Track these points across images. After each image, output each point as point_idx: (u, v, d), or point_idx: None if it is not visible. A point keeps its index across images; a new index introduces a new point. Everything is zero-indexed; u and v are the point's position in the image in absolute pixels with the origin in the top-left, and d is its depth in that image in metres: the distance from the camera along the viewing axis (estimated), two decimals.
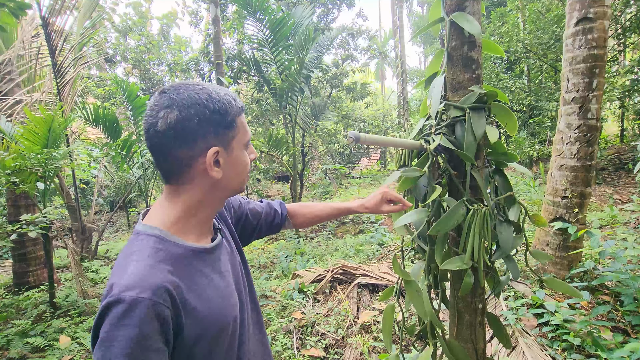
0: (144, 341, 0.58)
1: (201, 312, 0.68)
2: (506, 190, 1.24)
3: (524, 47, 7.90)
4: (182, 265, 0.69)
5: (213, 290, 0.72)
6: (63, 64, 4.46)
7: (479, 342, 1.25)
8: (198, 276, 0.71)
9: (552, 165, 2.68)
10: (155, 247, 0.68)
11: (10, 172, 2.66)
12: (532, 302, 2.42)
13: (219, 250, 0.80)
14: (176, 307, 0.63)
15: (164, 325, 0.61)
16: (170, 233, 0.71)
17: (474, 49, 1.15)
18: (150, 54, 10.02)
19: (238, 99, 0.77)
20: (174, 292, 0.63)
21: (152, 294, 0.60)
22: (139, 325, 0.57)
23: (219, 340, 0.71)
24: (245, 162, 0.78)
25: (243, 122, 0.77)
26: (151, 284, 0.61)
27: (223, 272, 0.78)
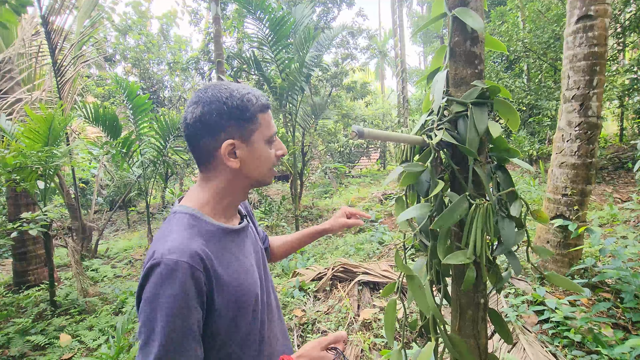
0: (186, 299, 0.66)
1: (227, 283, 0.76)
2: (508, 186, 1.24)
3: (524, 46, 7.91)
4: (213, 241, 0.79)
5: (238, 265, 0.81)
6: (63, 63, 4.46)
7: (481, 337, 1.25)
8: (226, 251, 0.81)
9: (552, 162, 2.69)
10: (190, 223, 0.78)
11: (11, 170, 2.65)
12: (532, 299, 2.43)
13: (244, 233, 0.90)
14: (208, 274, 0.72)
15: (199, 288, 0.69)
16: (202, 213, 0.82)
17: (476, 44, 1.15)
18: (150, 53, 10.02)
19: (262, 98, 0.85)
20: (206, 260, 0.72)
21: (189, 259, 0.69)
22: (180, 285, 0.66)
23: (241, 315, 0.79)
24: (266, 155, 0.85)
25: (266, 118, 0.85)
26: (189, 251, 0.70)
27: (247, 253, 0.87)
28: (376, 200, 7.69)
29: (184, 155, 6.01)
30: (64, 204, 5.47)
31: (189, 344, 0.67)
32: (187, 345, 0.67)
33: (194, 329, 0.68)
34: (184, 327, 0.66)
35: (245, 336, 0.80)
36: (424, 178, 1.23)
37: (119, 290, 4.13)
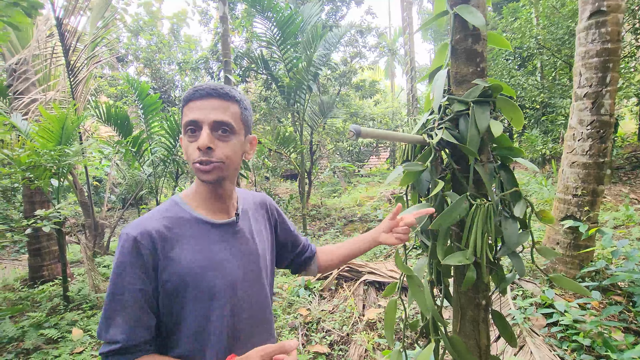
0: (128, 266, 0.77)
1: (181, 267, 0.80)
2: (512, 186, 1.22)
3: (537, 43, 7.74)
4: (180, 227, 0.84)
5: (201, 256, 0.84)
6: (76, 64, 4.56)
7: (482, 338, 1.24)
8: (192, 239, 0.84)
9: (563, 162, 2.62)
10: (167, 208, 0.87)
11: (25, 168, 2.73)
12: (541, 301, 2.38)
13: (226, 228, 0.90)
14: (154, 251, 0.79)
15: (142, 261, 0.78)
16: (185, 202, 0.89)
17: (478, 41, 1.13)
18: (161, 53, 10.16)
19: (192, 90, 0.84)
20: (157, 240, 0.80)
21: (138, 234, 0.79)
22: (123, 254, 0.78)
23: (190, 300, 0.81)
24: (184, 147, 0.86)
25: (185, 110, 0.85)
26: (141, 228, 0.80)
27: (222, 248, 0.88)
28: (384, 199, 7.65)
29: None
30: (78, 201, 5.60)
31: (131, 304, 0.77)
32: (127, 305, 0.76)
33: (136, 295, 0.77)
34: (124, 288, 0.77)
35: (195, 324, 0.82)
36: (424, 178, 1.22)
37: None
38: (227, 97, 0.85)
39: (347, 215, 7.53)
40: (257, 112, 7.64)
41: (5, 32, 2.18)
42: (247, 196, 1.06)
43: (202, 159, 0.81)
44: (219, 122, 0.82)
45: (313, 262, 1.20)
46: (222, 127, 0.83)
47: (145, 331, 0.78)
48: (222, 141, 0.83)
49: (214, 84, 0.85)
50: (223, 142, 0.83)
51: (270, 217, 1.09)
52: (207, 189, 0.89)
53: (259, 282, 0.95)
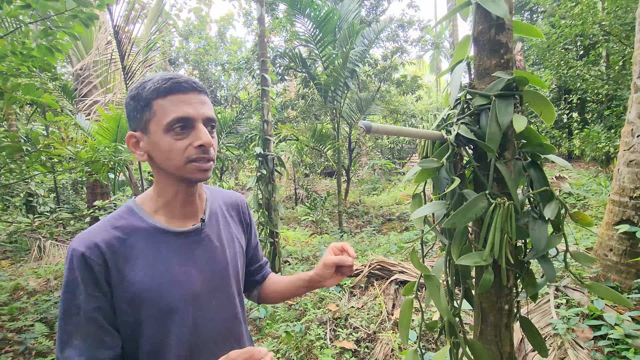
0: (78, 284, 0.69)
1: (135, 283, 0.73)
2: (541, 185, 1.14)
3: (602, 30, 7.00)
4: (136, 237, 0.76)
5: (159, 271, 0.75)
6: (131, 67, 4.97)
7: (504, 345, 1.18)
8: (151, 250, 0.76)
9: (619, 160, 2.37)
10: (120, 215, 0.78)
11: (85, 163, 3.05)
12: (588, 312, 2.19)
13: (189, 238, 0.81)
14: (106, 266, 0.71)
15: (94, 277, 0.70)
16: (141, 208, 0.80)
17: (502, 32, 1.07)
18: (208, 55, 10.71)
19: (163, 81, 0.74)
20: (107, 254, 0.72)
21: (86, 249, 0.70)
22: (71, 271, 0.70)
23: (147, 318, 0.74)
24: (166, 146, 0.74)
25: (165, 104, 0.73)
26: (89, 241, 0.72)
27: (185, 259, 0.79)
28: None
29: (235, 151, 6.36)
30: (133, 194, 6.11)
31: (88, 324, 0.69)
32: (83, 324, 0.69)
33: (92, 314, 0.70)
34: (77, 306, 0.69)
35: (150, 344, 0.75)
36: (443, 175, 1.18)
37: None
38: (205, 90, 0.80)
39: (385, 213, 7.42)
40: (295, 109, 7.77)
41: (69, 42, 2.43)
42: (217, 195, 0.96)
43: (203, 156, 0.74)
44: (209, 119, 0.77)
45: (256, 289, 1.08)
46: (211, 124, 0.79)
47: (107, 351, 0.71)
48: (212, 137, 0.78)
49: (186, 76, 0.77)
50: (213, 139, 0.78)
51: (242, 219, 1.00)
52: (179, 191, 0.79)
53: (225, 293, 0.86)
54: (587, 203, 5.36)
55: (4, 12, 2.01)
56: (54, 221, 3.38)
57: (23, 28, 2.32)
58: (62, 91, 5.40)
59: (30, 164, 2.52)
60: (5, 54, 2.22)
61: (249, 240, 1.02)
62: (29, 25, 2.32)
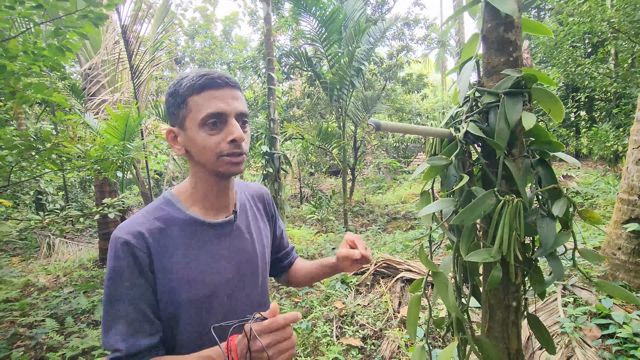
0: (122, 271, 0.73)
1: (174, 271, 0.76)
2: (550, 182, 1.15)
3: (611, 27, 6.91)
4: (175, 228, 0.79)
5: (196, 259, 0.79)
6: (139, 67, 5.02)
7: (512, 342, 1.18)
8: (188, 240, 0.80)
9: (628, 159, 2.35)
10: (159, 207, 0.82)
11: (94, 161, 3.09)
12: (596, 311, 2.18)
13: (224, 228, 0.85)
14: (148, 254, 0.75)
15: (139, 264, 0.73)
16: (179, 199, 0.84)
17: (511, 30, 1.07)
18: (213, 54, 10.76)
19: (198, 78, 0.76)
20: (149, 242, 0.75)
21: (129, 238, 0.74)
22: (117, 259, 0.73)
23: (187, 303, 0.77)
24: (200, 141, 0.76)
25: (199, 100, 0.76)
26: (133, 230, 0.75)
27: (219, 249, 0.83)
28: None
29: None
30: (140, 192, 6.17)
31: (132, 310, 0.72)
32: (128, 310, 0.72)
33: (136, 301, 0.73)
34: (122, 294, 0.72)
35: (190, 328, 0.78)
36: (451, 173, 1.19)
37: None
38: (238, 85, 0.82)
39: (391, 212, 7.41)
40: (301, 108, 7.77)
41: (79, 42, 2.47)
42: (244, 188, 0.99)
43: (235, 151, 0.77)
44: (242, 114, 0.80)
45: (284, 274, 1.13)
46: (243, 119, 0.81)
47: (148, 338, 0.74)
48: (244, 132, 0.81)
49: (221, 72, 0.80)
50: (245, 134, 0.80)
51: (267, 210, 1.04)
52: (213, 184, 0.83)
53: (255, 282, 0.91)
54: (595, 202, 5.31)
55: (16, 13, 2.05)
56: (63, 219, 3.43)
57: (33, 28, 2.36)
58: (70, 90, 5.47)
59: (41, 162, 2.56)
60: (17, 54, 2.25)
61: (274, 230, 1.07)
62: (39, 26, 2.36)
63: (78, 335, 3.08)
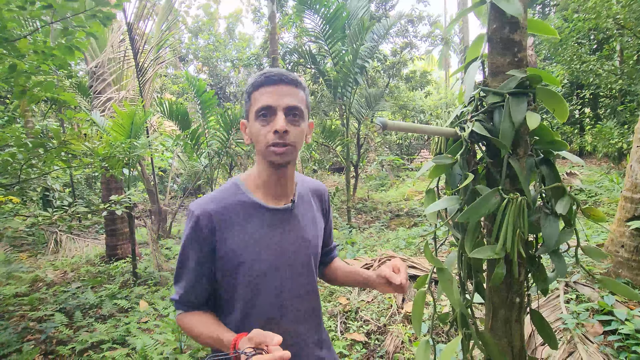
0: (191, 239, 0.88)
1: (234, 248, 0.88)
2: (553, 181, 1.17)
3: (617, 23, 6.86)
4: (237, 209, 0.91)
5: (254, 239, 0.90)
6: (144, 64, 5.05)
7: (515, 338, 1.21)
8: (249, 222, 0.91)
9: (632, 156, 2.36)
10: (227, 189, 0.94)
11: (102, 158, 3.13)
12: (599, 307, 2.20)
13: (281, 214, 0.94)
14: (212, 230, 0.88)
15: (203, 236, 0.87)
16: (244, 184, 0.95)
17: (516, 30, 1.09)
18: (217, 52, 10.78)
19: (261, 76, 0.88)
20: (214, 220, 0.88)
21: (200, 213, 0.87)
22: (189, 229, 0.88)
23: (242, 278, 0.89)
24: (256, 131, 0.88)
25: (257, 95, 0.87)
26: (203, 207, 0.88)
27: (274, 233, 0.93)
28: None
29: (244, 147, 6.43)
30: (145, 189, 6.23)
31: (190, 271, 0.89)
32: (188, 271, 0.89)
33: (194, 266, 0.88)
34: (187, 257, 0.89)
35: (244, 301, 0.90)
36: (456, 171, 1.21)
37: None
38: (296, 82, 0.90)
39: (394, 209, 7.43)
40: None
41: (86, 41, 2.50)
42: (305, 182, 1.08)
43: (278, 141, 0.85)
44: (291, 107, 0.87)
45: (323, 268, 1.20)
46: (293, 112, 0.88)
47: (197, 296, 0.91)
48: (294, 125, 0.88)
49: (282, 70, 0.89)
50: (294, 126, 0.88)
51: (323, 206, 1.11)
52: (271, 173, 0.92)
53: (305, 268, 0.98)
54: (599, 200, 5.31)
55: (27, 13, 2.08)
56: (71, 215, 3.48)
57: (39, 28, 2.39)
58: (77, 88, 5.52)
59: (51, 160, 2.61)
60: (26, 53, 2.29)
61: (325, 225, 1.13)
62: (49, 25, 2.39)
63: (87, 329, 3.14)
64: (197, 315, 0.92)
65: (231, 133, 6.01)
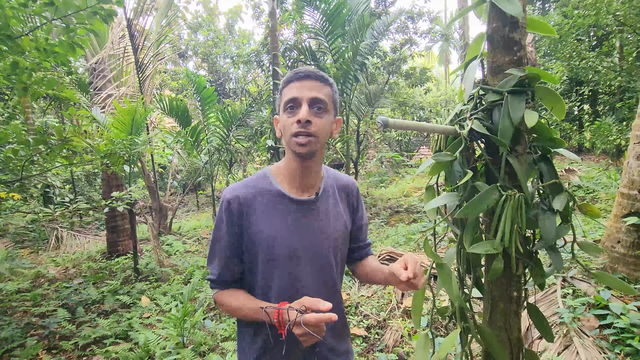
0: (223, 220, 0.97)
1: (256, 232, 0.95)
2: (551, 178, 1.19)
3: (616, 20, 6.86)
4: (264, 197, 0.98)
5: (274, 226, 0.96)
6: (143, 61, 5.05)
7: (513, 331, 1.23)
8: (271, 209, 0.97)
9: (629, 153, 2.38)
10: (259, 177, 1.01)
11: (103, 155, 3.14)
12: (594, 302, 2.24)
13: (303, 205, 0.99)
14: (240, 213, 0.95)
15: (232, 219, 0.95)
16: (272, 175, 1.01)
17: (516, 30, 1.11)
18: (217, 48, 10.74)
19: (292, 73, 0.94)
20: (243, 205, 0.95)
21: (231, 197, 0.96)
22: (221, 211, 0.97)
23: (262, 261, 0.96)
24: (283, 122, 0.94)
25: (286, 90, 0.94)
26: (234, 193, 0.96)
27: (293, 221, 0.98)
28: None
29: (244, 144, 6.44)
30: (145, 186, 6.24)
31: (222, 250, 0.97)
32: (220, 250, 0.98)
33: (225, 245, 0.97)
34: (219, 236, 0.97)
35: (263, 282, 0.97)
36: (456, 168, 1.23)
37: (188, 264, 4.65)
38: (322, 79, 0.95)
39: (393, 205, 7.46)
40: None
41: (87, 38, 2.50)
42: (333, 176, 1.11)
43: (300, 130, 0.90)
44: (315, 99, 0.91)
45: (354, 265, 1.21)
46: (317, 104, 0.92)
47: (230, 273, 0.99)
48: (317, 117, 0.92)
49: (310, 68, 0.95)
50: (318, 118, 0.92)
51: (350, 201, 1.12)
52: (297, 164, 0.97)
53: (323, 260, 1.00)
54: (597, 196, 5.34)
55: (29, 10, 2.08)
56: (72, 212, 3.50)
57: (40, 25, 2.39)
58: (77, 85, 5.51)
59: (54, 157, 2.62)
60: (28, 50, 2.30)
61: (354, 221, 1.14)
62: (51, 22, 2.39)
63: (89, 324, 3.17)
64: (234, 292, 1.00)
65: (231, 130, 6.01)
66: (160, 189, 9.67)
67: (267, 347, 1.00)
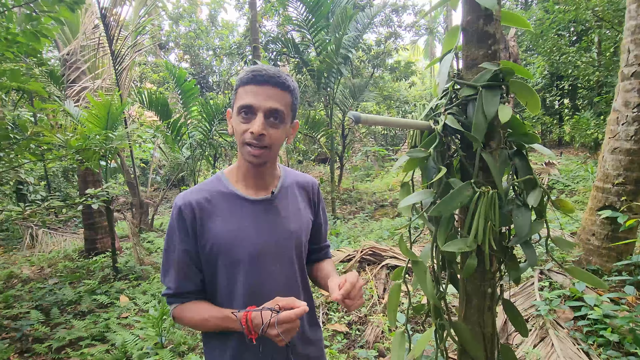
0: (174, 230, 0.93)
1: (213, 236, 0.92)
2: (526, 173, 1.18)
3: (595, 15, 6.99)
4: (218, 199, 0.95)
5: (231, 228, 0.93)
6: (120, 52, 4.86)
7: (487, 326, 1.23)
8: (227, 212, 0.94)
9: (604, 148, 2.43)
10: (212, 181, 0.99)
11: (75, 151, 3.02)
12: (570, 294, 2.28)
13: (260, 205, 0.97)
14: (194, 220, 0.92)
15: (185, 226, 0.92)
16: (226, 177, 0.99)
17: (490, 22, 1.08)
18: (199, 40, 10.48)
19: (250, 72, 0.88)
20: (196, 210, 0.92)
21: (182, 204, 0.92)
22: (172, 219, 0.94)
23: (222, 266, 0.93)
24: (235, 126, 0.90)
25: (241, 91, 0.89)
26: (185, 199, 0.93)
27: (251, 221, 0.95)
28: (418, 184, 7.50)
29: (228, 138, 6.32)
30: (125, 181, 6.07)
31: (178, 261, 0.93)
32: (177, 262, 0.93)
33: (182, 254, 0.92)
34: (173, 247, 0.93)
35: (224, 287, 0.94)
36: (430, 164, 1.21)
37: None
38: (282, 85, 0.89)
39: (378, 199, 7.50)
40: None
41: (55, 27, 2.37)
42: (292, 175, 1.09)
43: (253, 142, 0.87)
44: (272, 110, 0.87)
45: (313, 266, 1.17)
46: (274, 115, 0.88)
47: (191, 283, 0.95)
48: (273, 128, 0.89)
49: (272, 70, 0.88)
50: (273, 129, 0.89)
51: (311, 198, 1.11)
52: (249, 167, 0.95)
53: (286, 258, 0.99)
54: (575, 189, 5.48)
55: None
56: (45, 209, 3.36)
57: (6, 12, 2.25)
58: (49, 77, 5.28)
59: (20, 152, 2.49)
60: None
61: (315, 220, 1.13)
62: (12, 10, 2.26)
63: (64, 326, 3.07)
64: (195, 304, 0.95)
65: (214, 124, 5.89)
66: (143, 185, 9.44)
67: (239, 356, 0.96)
